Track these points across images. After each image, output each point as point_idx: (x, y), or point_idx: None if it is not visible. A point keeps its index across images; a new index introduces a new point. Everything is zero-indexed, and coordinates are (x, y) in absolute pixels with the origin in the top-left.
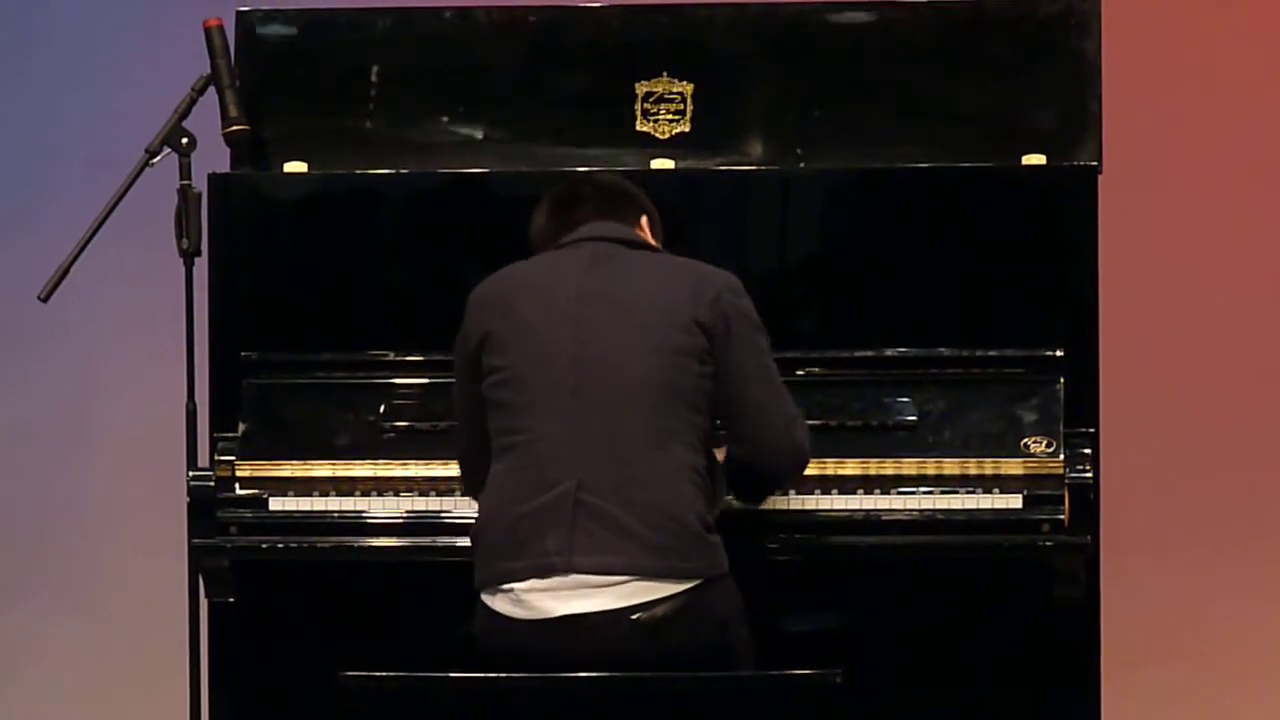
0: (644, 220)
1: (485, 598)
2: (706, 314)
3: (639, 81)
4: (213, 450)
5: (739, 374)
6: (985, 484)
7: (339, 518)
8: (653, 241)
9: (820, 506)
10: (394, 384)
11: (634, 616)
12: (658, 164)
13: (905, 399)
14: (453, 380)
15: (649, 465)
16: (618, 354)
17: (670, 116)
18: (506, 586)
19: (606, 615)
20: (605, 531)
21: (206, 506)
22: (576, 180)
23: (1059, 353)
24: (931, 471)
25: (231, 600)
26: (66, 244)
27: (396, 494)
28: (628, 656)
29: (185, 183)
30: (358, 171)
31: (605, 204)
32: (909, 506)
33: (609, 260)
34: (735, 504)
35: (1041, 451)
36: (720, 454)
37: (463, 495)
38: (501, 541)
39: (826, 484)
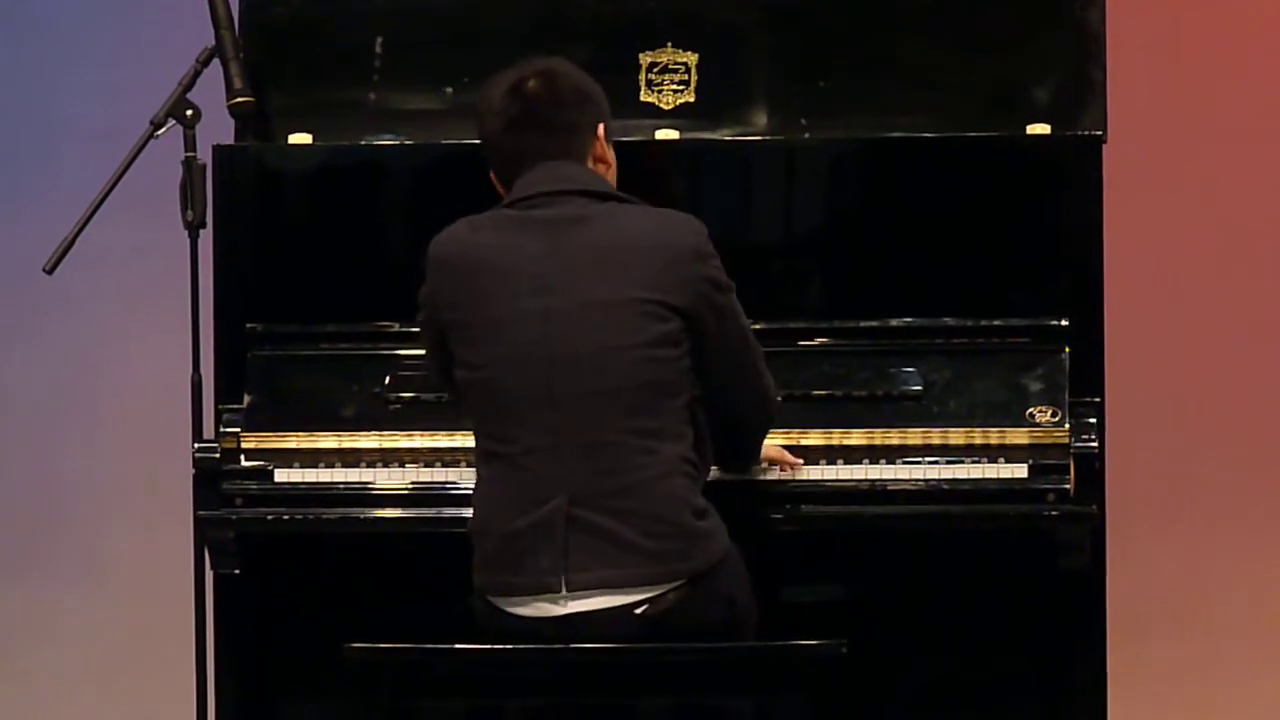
0: (601, 129)
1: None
2: (679, 298)
3: (643, 52)
4: (218, 422)
5: (728, 349)
6: (991, 453)
7: (344, 489)
8: (610, 154)
9: (826, 477)
10: (399, 355)
11: (638, 611)
12: (662, 134)
13: (910, 369)
14: None
15: (639, 472)
16: (591, 355)
17: (675, 87)
18: (505, 598)
19: (610, 610)
20: (602, 545)
21: (212, 478)
22: (530, 88)
23: (1064, 322)
24: (937, 441)
25: (237, 572)
26: (72, 216)
27: (402, 465)
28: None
29: (190, 155)
30: (363, 143)
31: (559, 125)
32: (914, 476)
33: (571, 230)
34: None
35: (1047, 421)
36: None
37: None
38: (497, 554)
39: (832, 454)
